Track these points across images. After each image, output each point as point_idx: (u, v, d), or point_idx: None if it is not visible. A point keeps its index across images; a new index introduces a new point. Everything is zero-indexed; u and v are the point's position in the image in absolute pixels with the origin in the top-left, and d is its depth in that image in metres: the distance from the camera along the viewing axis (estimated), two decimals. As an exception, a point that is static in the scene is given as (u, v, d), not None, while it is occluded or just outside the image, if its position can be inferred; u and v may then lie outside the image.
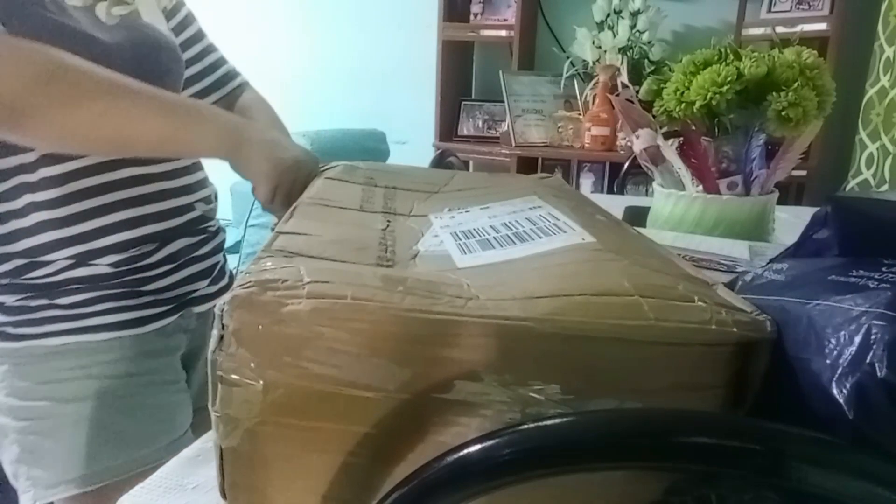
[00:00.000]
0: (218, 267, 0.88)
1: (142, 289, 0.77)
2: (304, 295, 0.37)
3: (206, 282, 0.85)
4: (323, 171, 0.72)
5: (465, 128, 2.77)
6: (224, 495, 0.41)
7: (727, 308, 0.38)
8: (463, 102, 2.78)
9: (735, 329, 0.37)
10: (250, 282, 0.38)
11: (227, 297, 0.37)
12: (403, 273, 0.42)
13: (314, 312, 0.37)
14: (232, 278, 0.93)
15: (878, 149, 1.98)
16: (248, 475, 0.40)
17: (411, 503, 0.32)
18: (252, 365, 0.37)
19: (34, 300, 0.73)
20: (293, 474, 0.40)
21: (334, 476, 0.40)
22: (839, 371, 0.32)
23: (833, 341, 0.33)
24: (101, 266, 0.74)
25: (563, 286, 0.39)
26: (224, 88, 0.92)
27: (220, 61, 0.92)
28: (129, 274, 0.76)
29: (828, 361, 0.33)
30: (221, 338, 0.37)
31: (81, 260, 0.73)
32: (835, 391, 0.32)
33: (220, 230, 0.90)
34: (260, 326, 0.37)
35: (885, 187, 1.93)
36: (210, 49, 0.91)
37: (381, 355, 0.37)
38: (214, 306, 0.87)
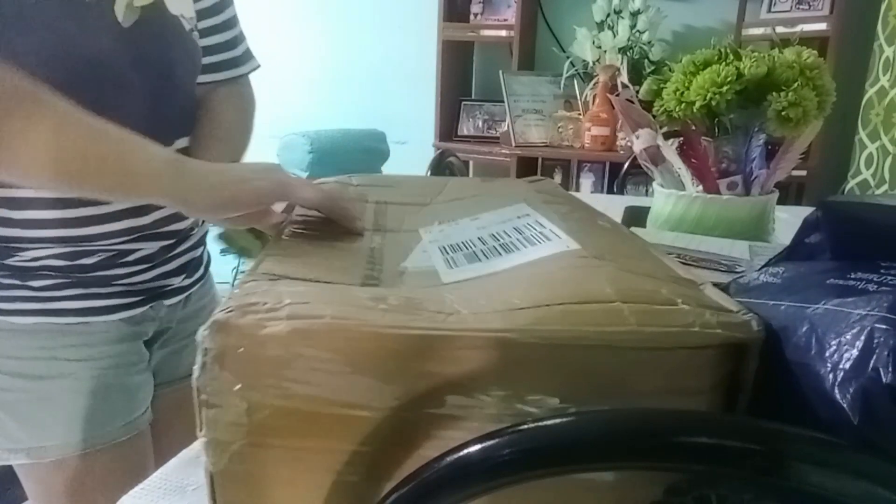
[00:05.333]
0: (194, 261, 0.87)
1: (114, 281, 0.78)
2: (283, 316, 0.37)
3: (180, 277, 0.85)
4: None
5: (465, 128, 2.77)
6: None
7: (712, 309, 0.38)
8: (463, 102, 2.78)
9: (720, 330, 0.36)
10: (230, 306, 0.38)
11: (207, 322, 0.38)
12: (386, 291, 0.42)
13: (293, 333, 0.37)
14: (208, 269, 0.93)
15: (877, 149, 1.98)
16: (239, 497, 0.41)
17: (411, 503, 0.32)
18: (235, 388, 0.38)
19: (6, 279, 0.74)
20: (284, 494, 0.40)
21: (326, 494, 0.40)
22: (842, 376, 0.32)
23: (835, 346, 0.33)
24: (81, 261, 0.75)
25: (544, 296, 0.39)
26: (219, 74, 0.87)
27: (230, 43, 0.87)
28: (104, 269, 0.77)
29: (830, 366, 0.33)
30: (204, 363, 0.38)
31: (64, 256, 0.74)
32: (838, 396, 0.32)
33: (203, 221, 0.88)
34: (241, 349, 0.37)
35: (885, 187, 1.93)
36: (226, 26, 0.86)
37: (364, 373, 0.37)
38: (185, 297, 0.86)
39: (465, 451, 0.31)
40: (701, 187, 1.01)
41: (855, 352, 0.32)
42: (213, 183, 0.62)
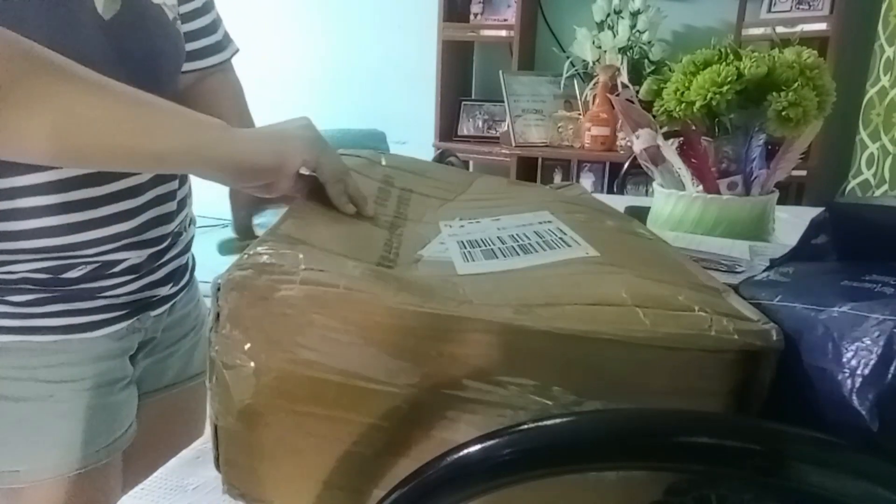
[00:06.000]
0: (181, 269, 0.85)
1: (98, 294, 0.74)
2: (298, 281, 0.37)
3: (168, 286, 0.82)
4: (343, 156, 0.71)
5: (465, 128, 2.77)
6: (218, 468, 0.42)
7: (730, 316, 0.38)
8: (463, 102, 2.78)
9: (737, 337, 0.36)
10: (247, 264, 0.38)
11: (223, 277, 0.37)
12: (402, 273, 0.42)
13: (306, 299, 0.37)
14: (193, 274, 0.90)
15: (878, 149, 1.97)
16: (241, 453, 0.41)
17: (411, 503, 0.32)
18: (245, 347, 0.38)
19: None
20: (285, 456, 0.40)
21: (326, 461, 0.40)
22: (860, 382, 0.31)
23: (852, 351, 0.32)
24: (66, 275, 0.72)
25: (559, 295, 0.39)
26: (203, 60, 0.85)
27: (210, 27, 0.85)
28: (89, 282, 0.73)
29: (847, 371, 0.32)
30: (217, 317, 0.38)
31: (48, 269, 0.71)
32: (856, 402, 0.31)
33: (189, 225, 0.86)
34: (253, 310, 0.37)
35: (885, 187, 1.93)
36: (206, 9, 0.84)
37: (375, 346, 0.37)
38: (171, 305, 0.83)
39: (465, 451, 0.31)
40: (701, 187, 1.01)
41: (874, 357, 0.31)
42: (255, 147, 0.60)
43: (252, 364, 0.38)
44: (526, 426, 0.32)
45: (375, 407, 0.38)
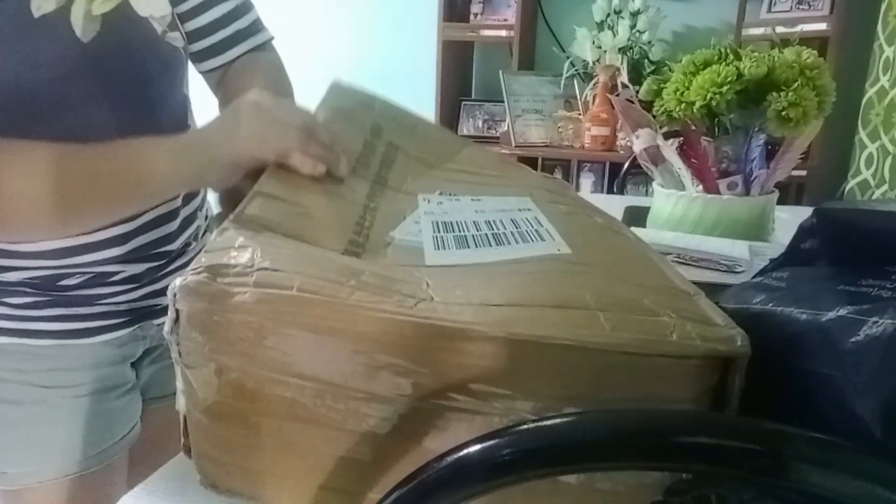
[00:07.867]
0: None
1: (97, 301, 0.73)
2: (252, 284, 0.37)
3: None
4: (337, 91, 0.69)
5: (465, 128, 2.77)
6: (188, 454, 0.42)
7: (694, 321, 0.37)
8: (463, 102, 2.77)
9: (699, 342, 0.36)
10: (202, 267, 0.38)
11: (178, 280, 0.37)
12: (365, 265, 0.42)
13: (260, 303, 0.37)
14: None
15: (877, 149, 1.97)
16: (210, 446, 0.41)
17: (411, 503, 0.32)
18: (205, 349, 0.38)
19: None
20: (252, 452, 0.41)
21: (292, 459, 0.40)
22: (861, 388, 0.31)
23: (852, 356, 0.32)
24: (63, 282, 0.71)
25: (521, 296, 0.39)
26: (225, 54, 0.80)
27: (228, 17, 0.79)
28: (87, 288, 0.72)
29: (848, 377, 0.32)
30: (175, 322, 0.38)
31: (45, 277, 0.70)
32: (857, 407, 0.31)
33: (203, 234, 0.84)
34: (209, 313, 0.37)
35: (885, 187, 1.93)
36: (210, 4, 0.78)
37: (327, 348, 0.37)
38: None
39: (465, 451, 0.31)
40: (701, 187, 1.01)
41: (875, 362, 0.31)
42: (246, 142, 0.57)
43: (213, 365, 0.38)
44: (526, 426, 0.32)
45: (335, 410, 0.38)
